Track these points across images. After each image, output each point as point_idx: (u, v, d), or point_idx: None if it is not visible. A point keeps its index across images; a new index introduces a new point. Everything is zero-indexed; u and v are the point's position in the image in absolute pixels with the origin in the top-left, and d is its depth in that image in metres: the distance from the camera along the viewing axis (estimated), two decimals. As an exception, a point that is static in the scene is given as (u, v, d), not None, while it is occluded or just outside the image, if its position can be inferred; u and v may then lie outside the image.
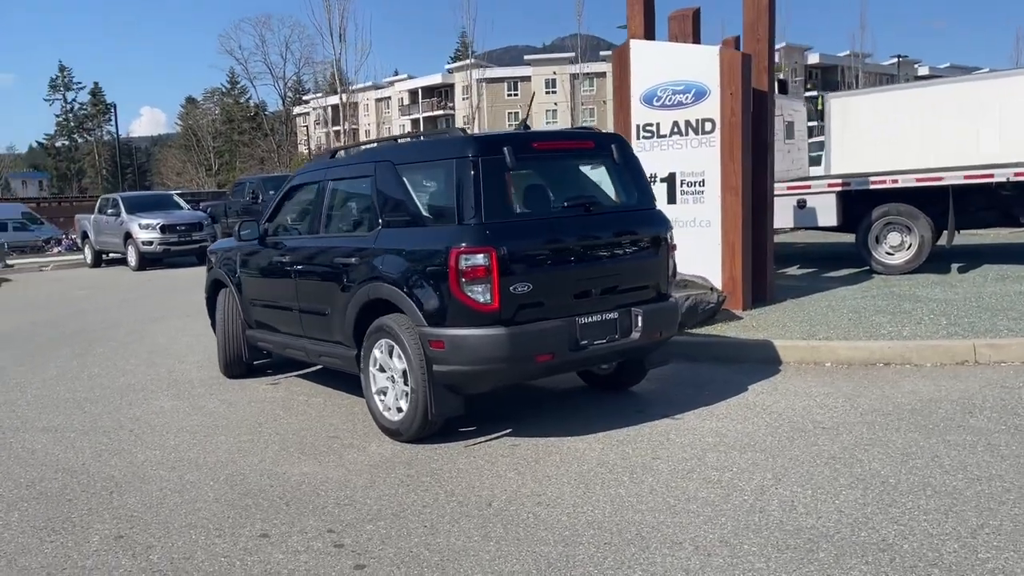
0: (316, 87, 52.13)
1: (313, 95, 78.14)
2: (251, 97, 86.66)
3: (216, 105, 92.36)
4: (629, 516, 3.93)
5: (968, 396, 5.61)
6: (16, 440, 5.73)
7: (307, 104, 79.09)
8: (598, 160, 5.59)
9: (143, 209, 20.43)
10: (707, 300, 7.89)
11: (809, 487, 4.17)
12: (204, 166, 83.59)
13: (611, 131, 6.06)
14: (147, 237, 19.41)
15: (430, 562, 3.55)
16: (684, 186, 8.74)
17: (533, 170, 5.32)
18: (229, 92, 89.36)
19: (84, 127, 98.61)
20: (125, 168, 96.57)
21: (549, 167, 5.45)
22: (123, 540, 3.92)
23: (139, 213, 20.09)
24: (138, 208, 20.50)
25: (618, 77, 9.11)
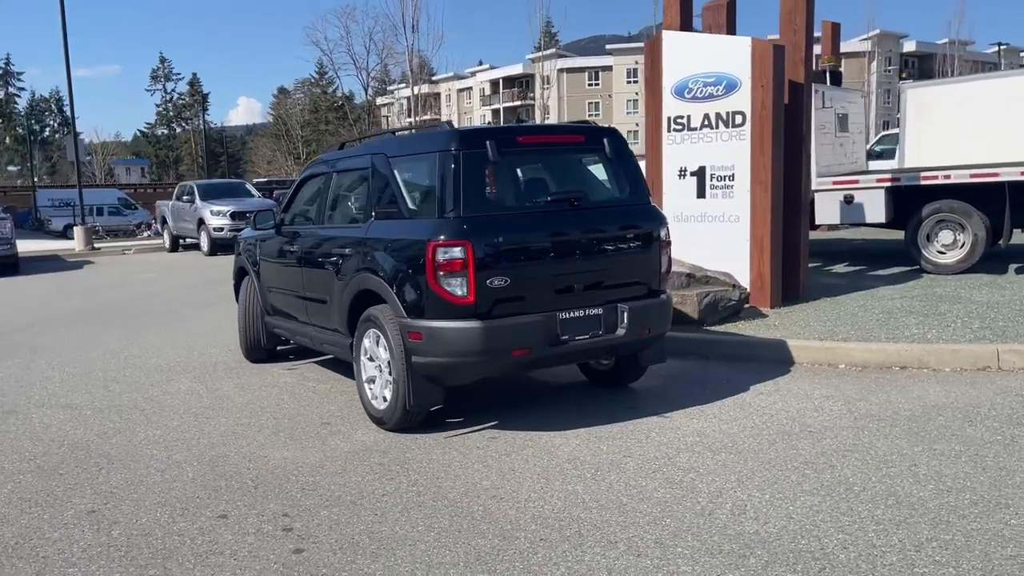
0: (402, 77, 52.87)
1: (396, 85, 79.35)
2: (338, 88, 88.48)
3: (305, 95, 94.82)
4: (576, 513, 3.93)
5: (976, 404, 5.37)
6: (37, 415, 6.07)
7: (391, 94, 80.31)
8: (589, 154, 5.55)
9: (216, 196, 21.18)
10: (728, 297, 7.75)
11: (768, 492, 4.08)
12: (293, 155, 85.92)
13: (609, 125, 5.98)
14: (218, 223, 20.11)
15: (367, 550, 3.62)
16: (714, 180, 8.58)
17: (518, 164, 5.33)
18: (317, 82, 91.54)
19: (182, 116, 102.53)
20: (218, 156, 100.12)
21: (536, 161, 5.45)
22: (94, 515, 4.13)
23: (212, 200, 20.83)
24: (211, 195, 21.26)
25: (649, 69, 8.99)
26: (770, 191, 8.18)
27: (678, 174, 8.80)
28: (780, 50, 8.15)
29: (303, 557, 3.57)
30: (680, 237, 8.67)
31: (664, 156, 8.89)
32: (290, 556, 3.59)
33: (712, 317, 7.65)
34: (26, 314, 11.57)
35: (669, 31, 8.88)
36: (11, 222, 19.19)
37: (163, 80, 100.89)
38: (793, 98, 8.63)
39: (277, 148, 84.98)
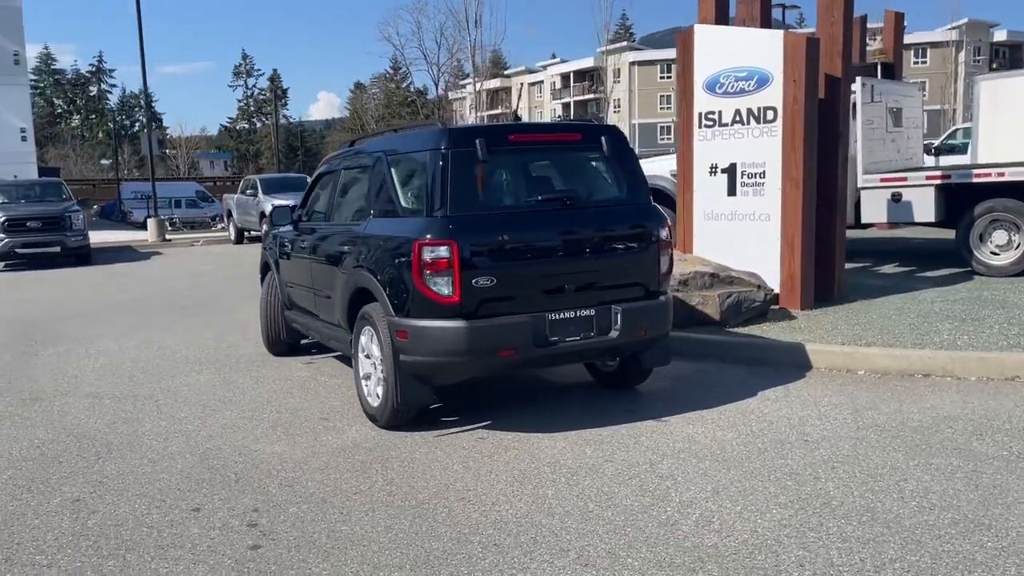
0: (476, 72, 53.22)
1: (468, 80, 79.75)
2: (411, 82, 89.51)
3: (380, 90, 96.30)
4: (538, 519, 3.88)
5: (991, 416, 5.11)
6: (59, 403, 6.31)
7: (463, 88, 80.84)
8: (586, 153, 5.46)
9: (278, 190, 21.65)
10: (752, 298, 7.54)
11: (741, 503, 3.96)
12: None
13: (609, 123, 5.84)
14: (279, 217, 20.52)
15: (322, 549, 3.65)
16: (744, 178, 8.36)
17: (509, 163, 5.28)
18: (391, 77, 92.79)
19: (262, 111, 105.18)
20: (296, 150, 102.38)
21: (529, 160, 5.39)
22: (77, 504, 4.26)
23: (273, 193, 21.29)
24: (273, 189, 21.76)
25: (681, 63, 8.80)
26: (802, 189, 7.92)
27: (709, 171, 8.61)
28: (813, 43, 7.88)
29: (257, 554, 3.62)
30: (710, 236, 8.54)
31: (695, 153, 8.71)
32: (245, 552, 3.63)
33: (735, 318, 7.45)
34: (83, 303, 12.05)
35: (701, 25, 8.67)
36: (84, 214, 19.99)
37: (245, 76, 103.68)
38: (829, 93, 8.34)
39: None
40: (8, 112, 38.54)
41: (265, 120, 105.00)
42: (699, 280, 7.54)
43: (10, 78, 38.49)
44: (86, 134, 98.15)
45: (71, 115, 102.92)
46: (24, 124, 39.10)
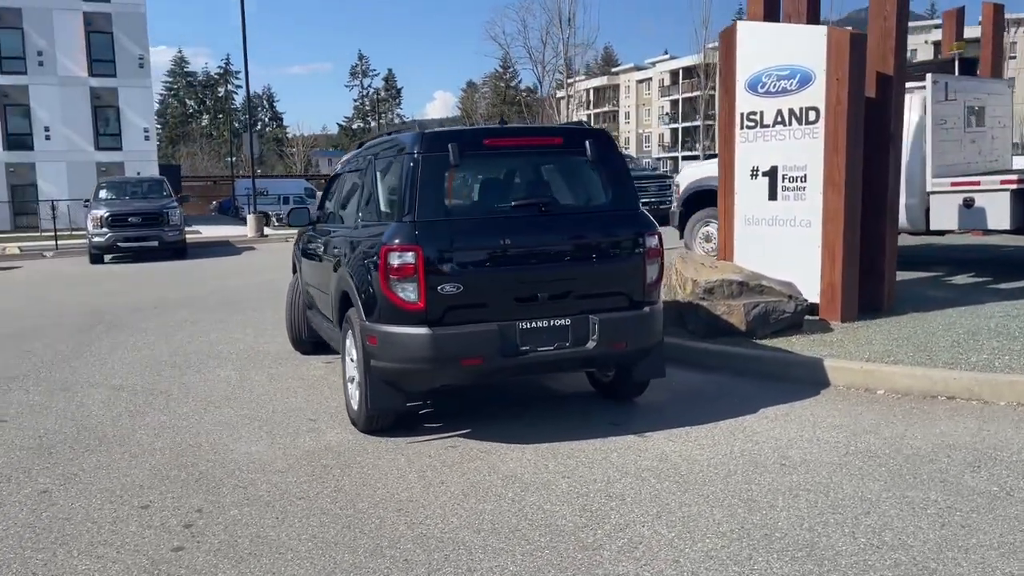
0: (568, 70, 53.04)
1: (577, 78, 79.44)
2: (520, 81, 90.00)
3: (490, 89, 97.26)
4: (463, 535, 3.79)
5: (1000, 447, 4.68)
6: (81, 394, 6.62)
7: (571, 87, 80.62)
8: (568, 157, 5.29)
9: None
10: (782, 309, 7.18)
11: (678, 529, 3.75)
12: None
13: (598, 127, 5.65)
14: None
15: (239, 554, 3.67)
16: (785, 181, 7.96)
17: (485, 168, 5.18)
18: (501, 76, 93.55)
19: (376, 110, 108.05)
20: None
21: (506, 165, 5.27)
22: (43, 496, 4.44)
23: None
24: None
25: (724, 61, 8.46)
26: (843, 194, 7.48)
27: (750, 174, 8.25)
28: (858, 40, 7.42)
29: (176, 556, 3.67)
30: (750, 242, 8.19)
31: (736, 155, 8.36)
32: (166, 554, 3.69)
33: (763, 329, 7.11)
34: (159, 296, 12.63)
35: (743, 21, 8.31)
36: (181, 210, 20.98)
37: (360, 76, 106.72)
38: (880, 92, 7.85)
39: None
40: (133, 113, 40.92)
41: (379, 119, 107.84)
42: (726, 289, 7.23)
43: (135, 81, 40.85)
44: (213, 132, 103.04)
45: (201, 115, 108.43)
46: (147, 124, 41.41)
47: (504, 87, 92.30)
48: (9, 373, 7.51)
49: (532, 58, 54.20)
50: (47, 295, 13.59)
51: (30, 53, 39.06)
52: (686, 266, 7.68)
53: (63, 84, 39.44)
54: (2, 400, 6.53)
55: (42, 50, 39.20)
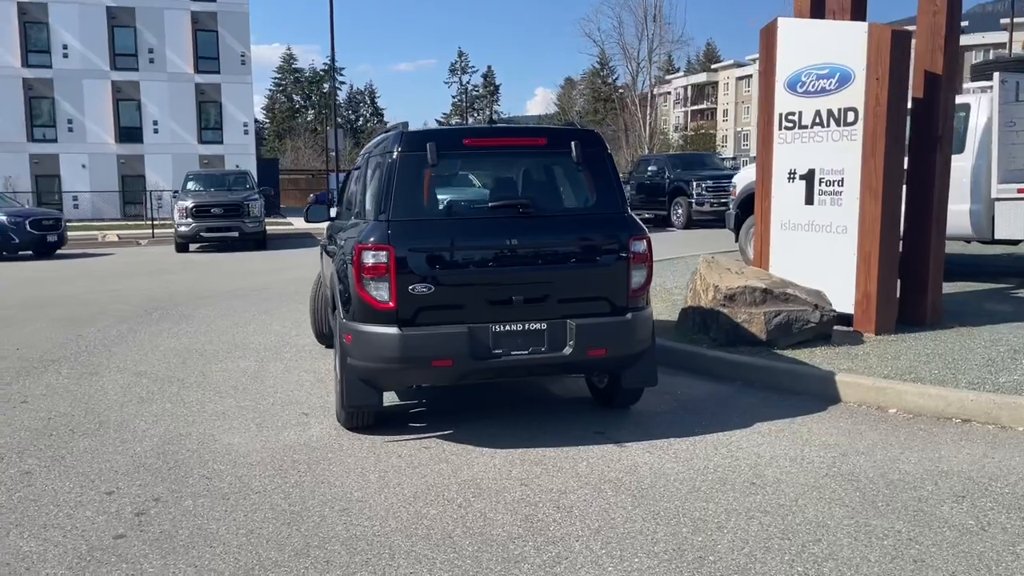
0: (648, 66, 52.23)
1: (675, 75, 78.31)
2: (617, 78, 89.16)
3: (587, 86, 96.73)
4: (395, 539, 3.75)
5: (996, 478, 4.35)
6: (105, 379, 6.90)
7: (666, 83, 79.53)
8: (552, 159, 5.18)
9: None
10: (805, 318, 6.86)
11: (611, 547, 3.63)
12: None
13: (587, 127, 5.49)
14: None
15: (175, 545, 3.72)
16: (822, 185, 7.62)
17: (465, 168, 5.13)
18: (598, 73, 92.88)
19: (474, 107, 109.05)
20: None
21: (486, 165, 5.20)
22: (25, 476, 4.64)
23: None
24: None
25: (764, 60, 8.15)
26: (881, 200, 7.10)
27: (787, 177, 7.93)
28: (900, 37, 7.01)
29: (114, 543, 3.76)
30: (786, 247, 7.89)
31: (774, 157, 8.05)
32: (107, 540, 3.79)
33: (785, 339, 6.82)
34: (221, 286, 13.08)
35: (785, 18, 7.98)
36: (262, 203, 21.67)
37: (459, 73, 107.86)
38: (928, 92, 7.42)
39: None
40: (234, 108, 42.53)
41: (477, 115, 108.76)
42: (748, 296, 6.96)
43: (237, 77, 42.42)
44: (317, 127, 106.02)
45: (306, 110, 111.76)
46: (246, 119, 42.96)
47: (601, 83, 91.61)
48: (53, 355, 7.90)
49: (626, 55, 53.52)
50: (121, 282, 14.25)
51: (142, 50, 41.05)
52: (710, 271, 7.44)
53: (171, 80, 41.29)
54: (34, 381, 6.87)
55: (153, 47, 41.14)
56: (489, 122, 8.50)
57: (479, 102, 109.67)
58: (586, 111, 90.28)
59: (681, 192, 23.28)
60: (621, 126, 58.92)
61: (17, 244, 19.64)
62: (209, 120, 42.18)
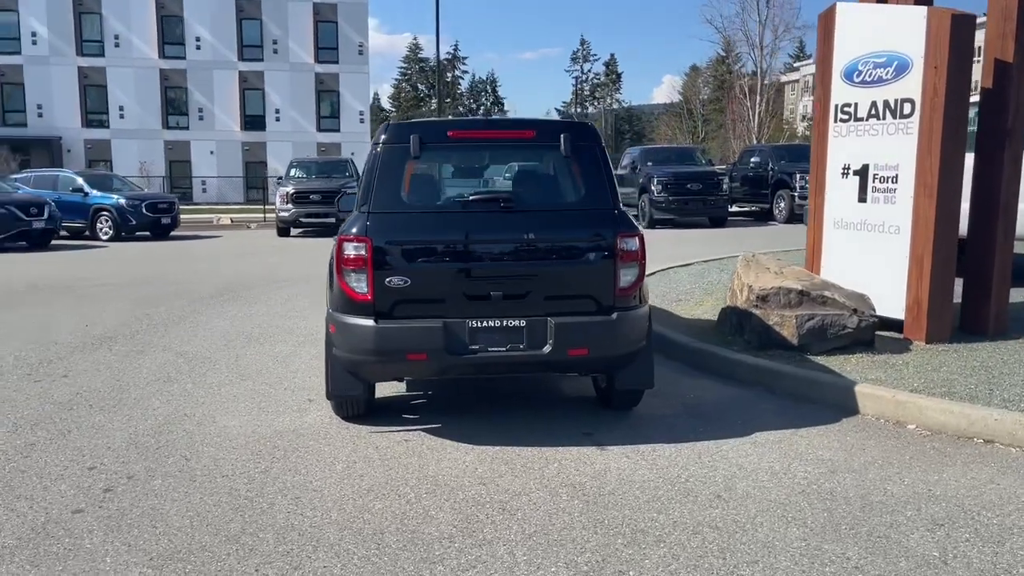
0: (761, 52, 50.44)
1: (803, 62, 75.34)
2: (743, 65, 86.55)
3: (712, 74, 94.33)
4: (326, 532, 3.75)
5: (989, 508, 3.97)
6: (147, 358, 7.24)
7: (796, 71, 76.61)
8: (540, 152, 5.05)
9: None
10: (842, 323, 6.46)
11: (535, 554, 3.52)
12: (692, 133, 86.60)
13: (582, 120, 5.26)
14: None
15: (121, 523, 3.83)
16: (876, 181, 7.16)
17: (448, 160, 5.05)
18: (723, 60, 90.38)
19: (595, 95, 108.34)
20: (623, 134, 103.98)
21: (472, 158, 5.11)
22: (30, 447, 4.92)
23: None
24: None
25: (821, 47, 7.69)
26: (935, 199, 6.61)
27: (841, 172, 7.49)
28: (962, 21, 6.48)
29: (69, 518, 3.91)
30: (838, 247, 7.51)
31: (829, 150, 7.61)
32: (65, 515, 3.96)
33: (819, 345, 6.45)
34: (296, 271, 13.50)
35: (844, 2, 7.50)
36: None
37: (581, 61, 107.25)
38: (998, 82, 6.82)
39: (678, 127, 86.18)
40: (351, 97, 43.80)
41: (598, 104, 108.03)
42: (782, 297, 6.62)
43: (354, 67, 43.67)
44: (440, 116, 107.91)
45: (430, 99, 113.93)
46: (362, 108, 44.18)
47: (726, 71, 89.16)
48: (114, 333, 8.37)
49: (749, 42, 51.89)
50: (212, 263, 14.95)
51: (267, 41, 42.83)
52: (747, 270, 7.12)
53: (293, 70, 42.92)
54: (84, 357, 7.29)
55: (277, 39, 42.86)
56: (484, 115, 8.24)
57: (600, 90, 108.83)
58: (709, 99, 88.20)
59: (784, 185, 22.37)
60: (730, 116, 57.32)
61: (134, 226, 20.90)
62: (327, 109, 43.59)
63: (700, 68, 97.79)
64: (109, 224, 20.87)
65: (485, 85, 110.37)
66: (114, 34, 42.06)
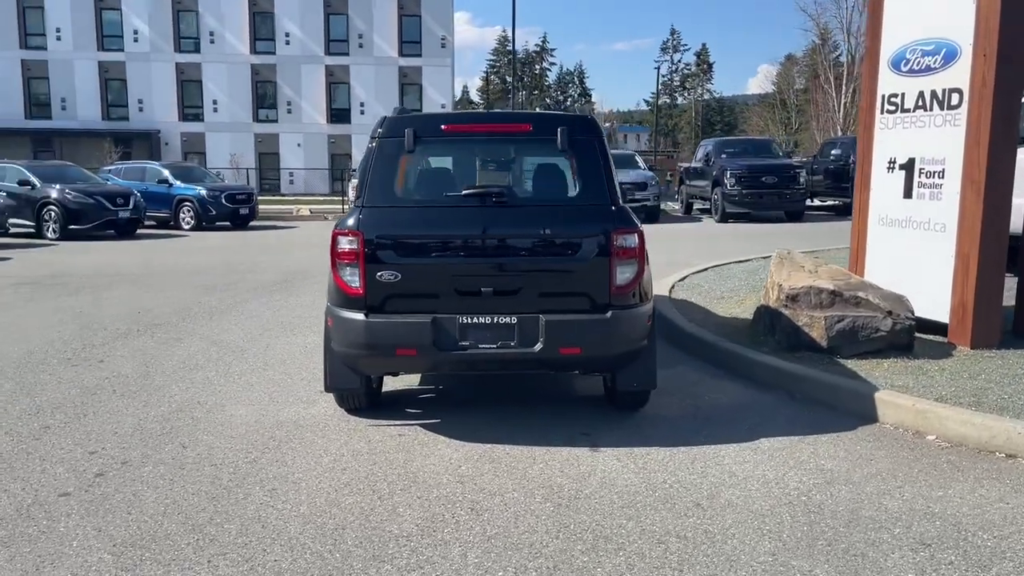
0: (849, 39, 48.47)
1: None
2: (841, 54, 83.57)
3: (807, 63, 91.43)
4: (289, 527, 3.76)
5: (986, 528, 3.70)
6: (183, 346, 7.46)
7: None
8: (537, 146, 4.93)
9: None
10: (874, 326, 6.14)
11: (486, 557, 3.45)
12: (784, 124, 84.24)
13: (584, 114, 5.08)
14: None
15: (101, 508, 3.93)
16: (922, 176, 6.77)
17: (443, 154, 4.99)
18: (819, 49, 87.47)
19: (684, 86, 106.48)
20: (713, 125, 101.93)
21: (467, 152, 5.02)
22: (44, 431, 5.10)
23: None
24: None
25: (869, 35, 7.33)
26: (983, 195, 6.21)
27: (887, 166, 7.12)
28: (1014, 6, 6.05)
29: (55, 500, 4.04)
30: (883, 246, 7.21)
31: (875, 143, 7.25)
32: (52, 497, 4.09)
33: (850, 348, 6.14)
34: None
35: (893, -13, 7.10)
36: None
37: (671, 51, 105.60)
38: (1057, 69, 6.34)
39: (770, 118, 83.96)
40: (433, 90, 44.20)
41: (687, 95, 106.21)
42: (813, 297, 6.34)
43: (437, 60, 44.05)
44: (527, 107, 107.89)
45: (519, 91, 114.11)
46: (444, 100, 44.52)
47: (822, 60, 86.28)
48: (161, 320, 8.66)
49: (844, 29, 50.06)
50: (278, 254, 15.33)
51: (352, 36, 43.62)
52: (780, 268, 6.85)
53: (377, 64, 43.60)
54: (126, 343, 7.56)
55: (362, 33, 43.59)
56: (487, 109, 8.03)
57: (690, 81, 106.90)
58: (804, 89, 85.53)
59: (866, 178, 21.45)
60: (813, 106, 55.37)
61: (214, 216, 21.63)
62: (410, 102, 44.11)
63: (796, 57, 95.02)
64: (191, 214, 21.65)
65: (572, 77, 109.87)
66: (209, 31, 43.57)
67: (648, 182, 21.43)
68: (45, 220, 18.94)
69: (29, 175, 19.49)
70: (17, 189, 19.22)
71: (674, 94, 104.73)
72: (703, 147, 24.03)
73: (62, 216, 18.76)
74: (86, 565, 3.41)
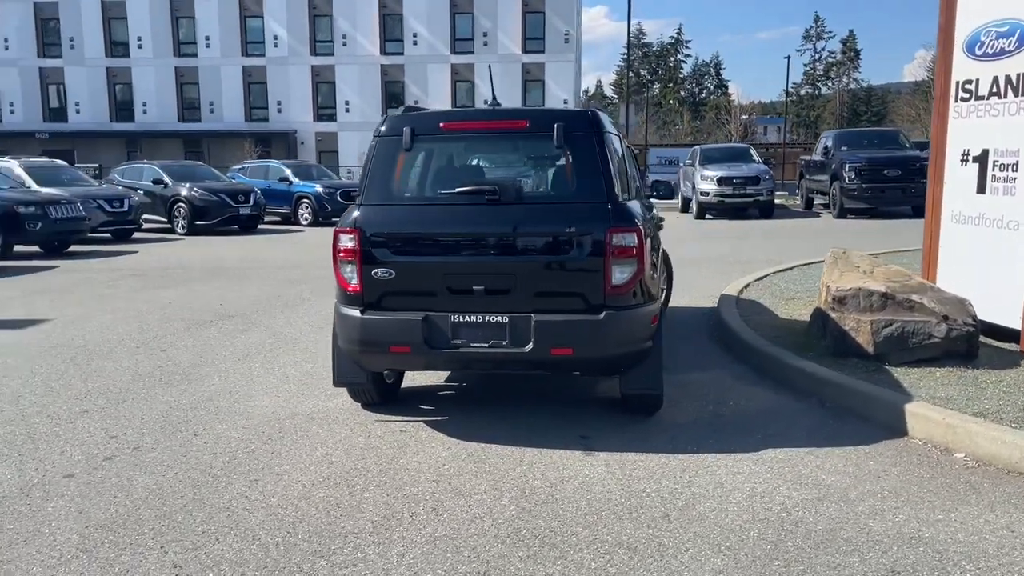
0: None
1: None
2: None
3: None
4: (254, 518, 3.85)
5: (976, 557, 3.35)
6: (244, 337, 7.77)
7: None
8: (534, 143, 4.81)
9: (716, 161, 21.50)
10: (926, 332, 5.68)
11: (424, 559, 3.42)
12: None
13: (584, 110, 4.82)
14: (705, 188, 20.50)
15: (91, 492, 4.11)
16: (996, 170, 6.22)
17: (441, 152, 4.94)
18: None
19: (828, 75, 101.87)
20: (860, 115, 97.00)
21: (464, 149, 4.96)
22: (83, 415, 5.45)
23: (709, 165, 21.23)
24: (712, 160, 21.66)
25: (943, 16, 6.75)
26: (1058, 189, 5.63)
27: (960, 159, 6.58)
28: (1094, -22, 5.44)
29: (59, 480, 4.30)
30: (956, 245, 6.77)
31: (948, 134, 6.71)
32: (57, 478, 4.34)
33: (899, 355, 5.71)
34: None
35: (967, -38, 6.53)
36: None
37: (814, 39, 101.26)
38: None
39: (923, 106, 79.14)
40: (556, 86, 44.20)
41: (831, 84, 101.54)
42: (861, 300, 5.93)
43: (560, 56, 44.02)
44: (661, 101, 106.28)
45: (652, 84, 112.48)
46: (566, 96, 44.43)
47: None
48: (236, 312, 9.07)
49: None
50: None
51: (477, 34, 44.23)
52: (833, 268, 6.45)
53: (501, 61, 43.98)
54: (196, 333, 7.96)
55: (487, 31, 44.11)
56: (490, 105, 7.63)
57: (835, 69, 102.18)
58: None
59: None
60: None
61: (330, 212, 22.44)
62: (533, 99, 44.32)
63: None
64: (308, 211, 22.58)
65: (708, 68, 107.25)
66: (342, 34, 45.25)
67: (761, 176, 20.66)
68: (175, 216, 20.22)
69: (162, 174, 20.86)
70: (152, 187, 20.59)
71: (817, 84, 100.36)
72: (823, 139, 22.92)
73: (190, 212, 19.96)
74: (53, 544, 3.60)
